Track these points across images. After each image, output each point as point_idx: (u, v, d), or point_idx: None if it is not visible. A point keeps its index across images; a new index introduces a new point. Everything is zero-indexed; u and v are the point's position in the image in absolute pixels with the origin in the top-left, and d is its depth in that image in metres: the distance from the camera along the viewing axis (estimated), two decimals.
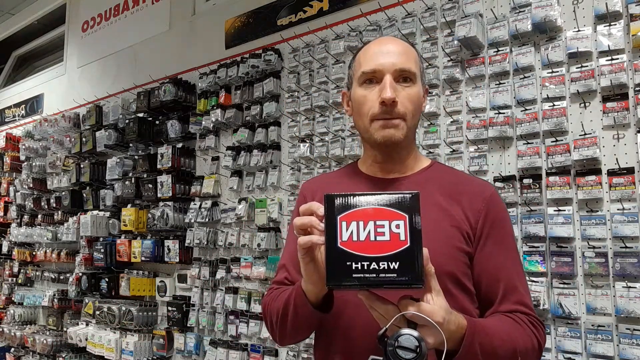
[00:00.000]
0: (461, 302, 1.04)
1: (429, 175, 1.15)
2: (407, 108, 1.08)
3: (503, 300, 1.06)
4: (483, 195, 1.10)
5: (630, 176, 1.80)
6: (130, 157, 3.68)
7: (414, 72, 1.09)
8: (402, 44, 1.13)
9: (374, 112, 1.08)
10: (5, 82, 6.00)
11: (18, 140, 5.03)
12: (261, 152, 2.90)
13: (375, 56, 1.10)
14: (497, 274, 1.07)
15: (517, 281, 1.08)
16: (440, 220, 1.06)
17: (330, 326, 1.07)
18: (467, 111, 2.19)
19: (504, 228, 1.11)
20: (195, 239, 3.13)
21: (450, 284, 1.03)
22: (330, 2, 2.75)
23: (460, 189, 1.11)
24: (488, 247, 1.07)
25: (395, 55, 1.09)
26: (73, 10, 4.88)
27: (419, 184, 1.12)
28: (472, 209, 1.08)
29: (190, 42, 3.56)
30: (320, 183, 1.25)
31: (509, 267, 1.08)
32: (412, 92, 1.09)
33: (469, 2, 2.22)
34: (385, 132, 1.08)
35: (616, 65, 1.85)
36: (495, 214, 1.09)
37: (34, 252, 4.58)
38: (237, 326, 2.88)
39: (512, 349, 0.98)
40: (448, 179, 1.14)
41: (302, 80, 2.79)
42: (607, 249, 1.82)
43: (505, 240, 1.10)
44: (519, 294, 1.07)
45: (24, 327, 4.46)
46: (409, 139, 1.12)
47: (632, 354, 1.72)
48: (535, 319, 1.06)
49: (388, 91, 1.05)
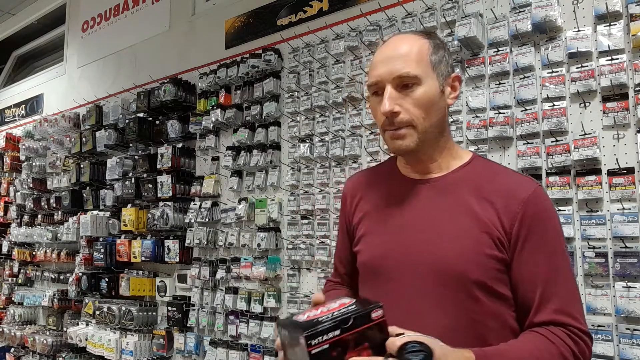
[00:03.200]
0: (492, 308, 1.01)
1: (463, 175, 1.11)
2: (413, 114, 1.05)
3: (539, 309, 1.00)
4: (521, 195, 1.03)
5: (630, 176, 1.80)
6: (130, 157, 3.68)
7: (413, 75, 1.04)
8: (406, 43, 1.08)
9: (381, 123, 1.09)
10: (5, 82, 6.00)
11: (18, 140, 5.03)
12: (261, 152, 2.90)
13: (376, 66, 1.09)
14: (533, 280, 1.01)
15: (559, 287, 1.00)
16: (469, 226, 1.03)
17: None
18: (467, 111, 2.19)
19: (544, 230, 1.03)
20: (195, 239, 3.13)
21: (479, 292, 1.00)
22: (330, 2, 2.75)
23: (496, 190, 1.05)
24: (525, 252, 1.01)
25: (394, 62, 1.06)
26: (73, 10, 4.88)
27: (451, 185, 1.10)
28: (507, 212, 1.02)
29: (190, 42, 3.56)
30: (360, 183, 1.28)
31: (547, 273, 1.01)
32: (417, 96, 1.05)
33: (469, 2, 2.22)
34: (393, 143, 1.09)
35: (616, 65, 1.85)
36: (534, 216, 1.02)
37: (34, 252, 4.58)
38: (237, 326, 2.88)
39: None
40: (484, 178, 1.09)
41: (302, 80, 2.79)
42: (607, 249, 1.82)
43: (545, 243, 1.02)
44: (558, 301, 0.99)
45: (24, 327, 4.46)
46: (430, 140, 1.09)
47: (632, 354, 1.72)
48: (576, 331, 0.98)
49: (385, 104, 1.05)
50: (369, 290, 1.15)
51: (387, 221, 1.14)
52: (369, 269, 1.16)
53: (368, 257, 1.16)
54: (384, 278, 1.10)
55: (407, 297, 1.05)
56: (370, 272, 1.15)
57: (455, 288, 1.01)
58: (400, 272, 1.08)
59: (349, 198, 1.27)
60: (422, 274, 1.04)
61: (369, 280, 1.16)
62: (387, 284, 1.09)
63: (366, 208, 1.21)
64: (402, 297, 1.05)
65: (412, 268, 1.06)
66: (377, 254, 1.13)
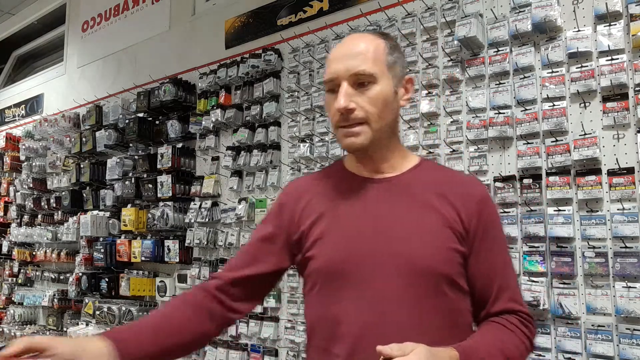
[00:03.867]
0: (457, 303, 1.06)
1: (418, 175, 1.13)
2: (368, 111, 1.04)
3: (496, 300, 1.08)
4: (476, 195, 1.10)
5: (630, 176, 1.80)
6: (130, 157, 3.68)
7: (370, 73, 1.04)
8: (363, 42, 1.08)
9: (336, 120, 1.07)
10: (5, 82, 6.00)
11: (18, 140, 5.02)
12: (261, 152, 2.90)
13: (332, 62, 1.08)
14: (491, 275, 1.08)
15: (510, 279, 1.12)
16: (434, 221, 1.05)
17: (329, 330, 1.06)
18: (467, 111, 2.19)
19: (496, 228, 1.12)
20: (195, 239, 3.13)
21: (446, 286, 1.03)
22: (330, 2, 2.75)
23: (452, 189, 1.09)
24: (482, 248, 1.08)
25: (351, 59, 1.05)
26: (73, 10, 4.88)
27: (408, 184, 1.11)
28: (465, 210, 1.07)
29: (190, 42, 3.56)
30: (306, 186, 1.20)
31: (502, 267, 1.10)
32: (372, 94, 1.05)
33: (469, 2, 2.22)
34: (346, 140, 1.07)
35: (616, 65, 1.85)
36: (488, 215, 1.10)
37: (34, 252, 4.58)
38: (237, 326, 2.88)
39: (504, 358, 1.01)
40: (438, 178, 1.13)
41: (302, 80, 2.79)
42: (607, 249, 1.82)
43: (498, 240, 1.12)
44: (511, 291, 1.10)
45: (24, 327, 4.46)
46: (382, 140, 1.09)
47: (632, 354, 1.72)
48: (524, 316, 1.09)
49: (341, 100, 1.03)
50: (327, 298, 1.07)
51: (345, 222, 1.09)
52: (326, 273, 1.07)
53: (325, 260, 1.08)
54: (346, 282, 1.04)
55: (378, 299, 1.01)
56: (327, 278, 1.07)
57: (426, 285, 1.02)
58: (367, 274, 1.03)
59: (292, 204, 1.17)
60: (392, 273, 1.02)
61: (326, 286, 1.07)
62: (351, 288, 1.04)
63: (319, 210, 1.12)
64: (373, 300, 1.02)
65: (381, 268, 1.03)
66: (337, 256, 1.06)
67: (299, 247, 1.14)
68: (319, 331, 1.09)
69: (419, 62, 2.36)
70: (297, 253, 1.15)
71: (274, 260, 1.16)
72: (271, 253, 1.16)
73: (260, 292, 1.22)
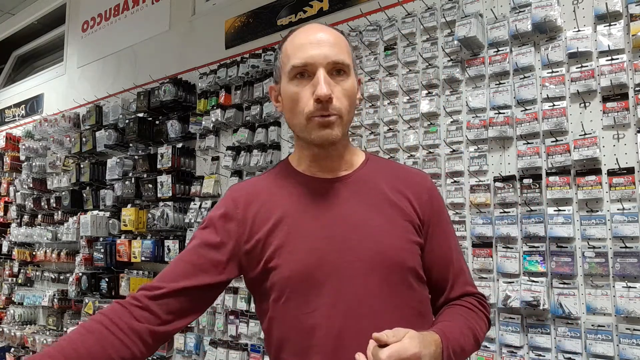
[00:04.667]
0: (420, 293, 1.07)
1: (370, 170, 1.11)
2: (343, 103, 1.00)
3: (454, 285, 1.11)
4: (424, 184, 1.13)
5: (630, 176, 1.80)
6: (130, 157, 3.68)
7: (347, 63, 1.02)
8: (333, 33, 1.05)
9: (309, 109, 0.99)
10: (5, 82, 6.00)
11: (18, 140, 5.03)
12: (261, 152, 2.90)
13: (305, 47, 1.00)
14: (446, 261, 1.11)
15: (462, 264, 1.15)
16: (394, 216, 1.06)
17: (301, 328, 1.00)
18: (467, 111, 2.19)
19: (444, 215, 1.15)
20: None
21: (413, 279, 1.05)
22: (330, 2, 2.75)
23: (404, 182, 1.11)
24: (436, 236, 1.10)
25: (327, 46, 1.00)
26: (73, 10, 4.88)
27: (364, 181, 1.09)
28: (418, 201, 1.09)
29: (190, 42, 3.56)
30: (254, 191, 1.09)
31: (453, 252, 1.13)
32: (346, 86, 1.01)
33: (469, 2, 2.22)
34: (322, 132, 1.00)
35: (616, 65, 1.85)
36: (438, 203, 1.13)
37: (34, 252, 4.58)
38: (237, 326, 2.88)
39: (475, 338, 1.05)
40: (389, 172, 1.13)
41: None
42: (607, 249, 1.82)
43: (447, 226, 1.15)
44: (464, 275, 1.14)
45: (24, 327, 4.46)
46: (344, 135, 1.06)
47: (632, 354, 1.72)
48: (480, 297, 1.14)
49: (323, 87, 0.96)
50: (300, 308, 0.99)
51: (307, 227, 1.02)
52: (297, 282, 0.99)
53: (293, 269, 1.00)
54: (319, 289, 0.98)
55: (353, 303, 0.98)
56: (298, 286, 0.99)
57: (398, 279, 1.02)
58: (338, 277, 0.99)
59: (241, 210, 1.06)
60: (364, 273, 0.99)
61: (297, 296, 1.00)
62: (325, 294, 0.98)
63: (276, 216, 1.03)
64: (348, 304, 0.98)
65: (352, 269, 0.99)
66: (308, 263, 0.99)
67: (253, 257, 1.04)
68: (290, 345, 1.01)
69: (419, 62, 2.36)
70: (248, 264, 1.05)
71: (219, 270, 1.04)
72: (216, 263, 1.04)
73: (198, 307, 1.05)
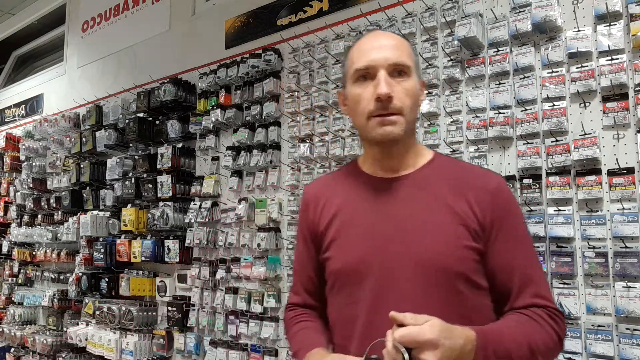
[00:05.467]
0: (473, 300, 1.04)
1: (432, 171, 1.12)
2: (404, 102, 1.05)
3: (519, 294, 1.04)
4: (490, 188, 1.07)
5: (630, 176, 1.80)
6: (130, 157, 3.68)
7: (408, 65, 1.07)
8: (395, 38, 1.12)
9: (370, 109, 1.05)
10: (5, 82, 6.00)
11: (18, 140, 5.02)
12: (261, 152, 2.90)
13: (367, 52, 1.08)
14: (510, 268, 1.05)
15: (533, 273, 1.06)
16: (448, 219, 1.04)
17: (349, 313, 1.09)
18: (467, 111, 2.19)
19: (514, 220, 1.08)
20: (195, 239, 3.13)
21: (462, 284, 1.02)
22: (330, 2, 2.75)
23: (466, 183, 1.08)
24: (498, 241, 1.05)
25: (388, 50, 1.07)
26: (73, 10, 4.88)
27: (422, 182, 1.10)
28: (479, 205, 1.05)
29: (190, 42, 3.56)
30: (322, 187, 1.23)
31: (521, 259, 1.06)
32: (407, 86, 1.06)
33: (469, 2, 2.22)
34: (383, 129, 1.05)
35: (616, 65, 1.85)
36: (503, 206, 1.07)
37: (34, 252, 4.58)
38: (237, 326, 2.88)
39: (530, 350, 0.97)
40: (452, 173, 1.11)
41: (302, 80, 2.79)
42: (607, 249, 1.82)
43: (515, 232, 1.07)
44: (534, 286, 1.04)
45: (24, 327, 4.46)
46: (408, 133, 1.09)
47: (632, 354, 1.72)
48: (553, 311, 1.04)
49: (383, 86, 1.02)
50: (346, 298, 1.09)
51: (359, 223, 1.09)
52: (345, 275, 1.09)
53: (343, 262, 1.10)
54: (364, 283, 1.05)
55: (393, 299, 1.01)
56: (346, 279, 1.09)
57: (441, 283, 1.01)
58: (382, 274, 1.04)
59: (312, 206, 1.20)
60: (407, 273, 1.02)
61: (345, 287, 1.09)
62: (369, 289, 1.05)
63: (333, 211, 1.14)
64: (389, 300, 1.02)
65: (396, 268, 1.03)
66: (354, 257, 1.08)
67: (320, 246, 1.17)
68: (338, 330, 1.12)
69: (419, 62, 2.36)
70: (319, 251, 1.18)
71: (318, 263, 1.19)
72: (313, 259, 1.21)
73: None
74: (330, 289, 1.14)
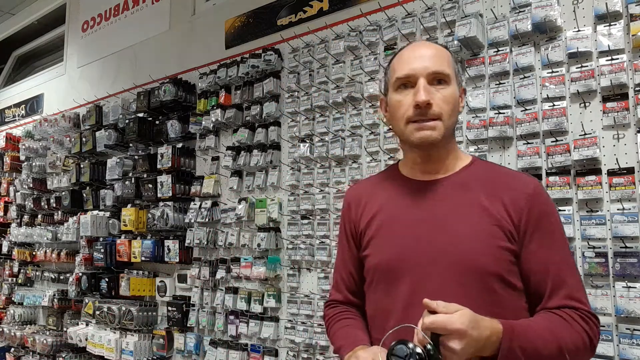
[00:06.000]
0: (508, 300, 1.06)
1: (469, 175, 1.16)
2: (443, 109, 1.10)
3: (552, 295, 1.06)
4: (525, 191, 1.10)
5: (630, 176, 1.80)
6: (130, 157, 3.68)
7: (447, 73, 1.12)
8: (435, 47, 1.17)
9: (408, 115, 1.11)
10: (5, 82, 6.00)
11: (18, 140, 5.02)
12: (261, 152, 2.90)
13: (408, 61, 1.13)
14: (544, 270, 1.07)
15: (567, 275, 1.08)
16: (483, 220, 1.08)
17: (386, 306, 1.14)
18: (467, 111, 2.19)
19: (549, 222, 1.10)
20: (195, 239, 3.13)
21: (496, 284, 1.05)
22: (330, 2, 2.75)
23: (502, 186, 1.12)
24: (534, 243, 1.08)
25: (428, 59, 1.12)
26: (73, 10, 4.88)
27: (459, 184, 1.14)
28: (514, 206, 1.08)
29: (190, 42, 3.56)
30: (364, 189, 1.30)
31: (556, 261, 1.08)
32: (447, 93, 1.11)
33: (469, 2, 2.21)
34: (421, 133, 1.10)
35: (616, 65, 1.85)
36: (539, 209, 1.09)
37: (34, 252, 4.58)
38: (237, 326, 2.88)
39: (558, 348, 0.99)
40: (489, 176, 1.15)
41: (302, 80, 2.79)
42: (607, 249, 1.82)
43: (551, 234, 1.10)
44: (568, 288, 1.06)
45: (24, 327, 4.46)
46: (447, 138, 1.14)
47: (632, 354, 1.72)
48: (586, 313, 1.05)
49: (422, 94, 1.08)
50: (383, 294, 1.15)
51: (397, 222, 1.15)
52: (382, 271, 1.16)
53: (381, 259, 1.16)
54: (400, 280, 1.11)
55: (428, 296, 1.01)
56: (383, 275, 1.15)
57: (475, 282, 1.04)
58: (418, 272, 1.09)
59: (354, 206, 1.27)
60: (442, 272, 1.06)
61: (382, 283, 1.16)
62: (404, 286, 1.10)
63: (373, 211, 1.21)
64: (424, 296, 1.02)
65: (431, 266, 1.07)
66: (392, 255, 1.14)
67: (360, 244, 1.24)
68: (375, 324, 1.18)
69: None
70: (359, 249, 1.25)
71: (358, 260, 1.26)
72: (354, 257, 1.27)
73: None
74: (369, 285, 1.20)
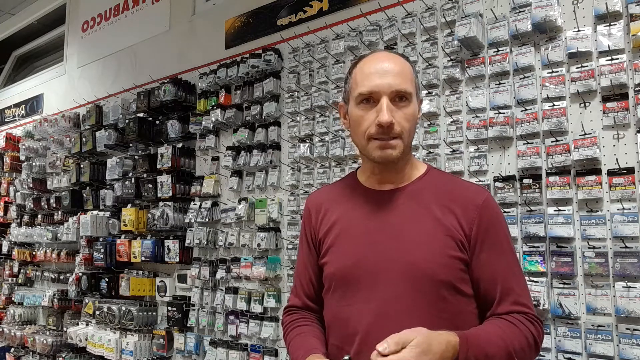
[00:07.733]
0: (458, 306, 1.11)
1: (423, 185, 1.20)
2: (404, 127, 1.12)
3: (500, 302, 1.12)
4: (476, 202, 1.15)
5: (630, 176, 1.80)
6: (130, 157, 3.68)
7: (410, 92, 1.13)
8: (398, 62, 1.16)
9: (370, 132, 1.12)
10: (5, 82, 6.00)
11: (18, 140, 5.02)
12: (261, 152, 2.90)
13: (371, 76, 1.13)
14: (493, 278, 1.13)
15: (513, 283, 1.14)
16: (435, 230, 1.12)
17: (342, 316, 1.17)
18: (467, 111, 2.19)
19: (497, 232, 1.16)
20: (195, 239, 3.13)
21: (446, 291, 1.10)
22: (330, 2, 2.75)
23: (454, 197, 1.16)
24: (483, 253, 1.13)
25: (392, 76, 1.12)
26: (73, 10, 4.88)
27: (413, 195, 1.18)
28: (465, 217, 1.13)
29: (190, 42, 3.56)
30: (325, 197, 1.32)
31: (504, 270, 1.14)
32: (408, 112, 1.13)
33: (469, 2, 2.21)
34: (382, 152, 1.12)
35: (616, 65, 1.85)
36: (489, 220, 1.14)
37: (34, 252, 4.58)
38: (237, 326, 2.88)
39: (507, 352, 1.04)
40: (442, 187, 1.19)
41: (302, 80, 2.79)
42: (607, 249, 1.82)
43: (499, 244, 1.15)
44: (514, 294, 1.13)
45: (24, 327, 4.46)
46: (405, 154, 1.17)
47: (632, 354, 1.72)
48: (531, 316, 1.12)
49: (385, 115, 1.09)
50: (340, 301, 1.17)
51: (354, 231, 1.18)
52: (339, 278, 1.18)
53: (338, 267, 1.19)
54: (356, 286, 1.14)
55: (383, 302, 1.10)
56: (340, 282, 1.18)
57: (426, 290, 1.08)
58: (373, 279, 1.12)
59: (314, 213, 1.30)
60: (395, 279, 1.10)
61: (339, 290, 1.18)
62: (360, 292, 1.13)
63: (332, 220, 1.24)
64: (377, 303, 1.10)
65: (385, 274, 1.11)
66: (348, 263, 1.16)
67: (319, 250, 1.27)
68: (333, 330, 1.21)
69: (419, 62, 2.36)
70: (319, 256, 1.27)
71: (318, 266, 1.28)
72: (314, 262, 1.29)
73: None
74: (327, 292, 1.23)
